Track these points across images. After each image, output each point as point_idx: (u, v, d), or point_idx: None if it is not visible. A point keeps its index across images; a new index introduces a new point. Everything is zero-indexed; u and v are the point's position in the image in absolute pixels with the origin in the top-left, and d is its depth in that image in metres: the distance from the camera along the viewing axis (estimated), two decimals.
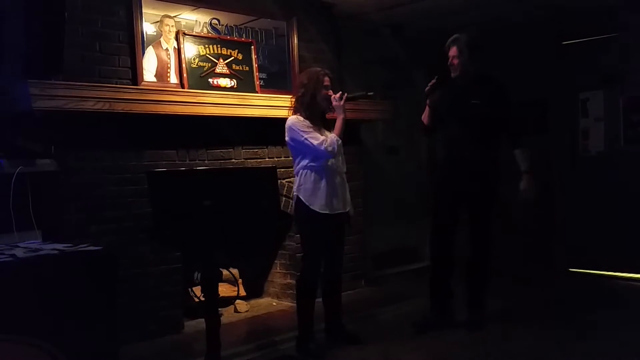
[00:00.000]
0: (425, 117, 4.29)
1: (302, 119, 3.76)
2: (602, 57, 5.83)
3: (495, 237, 4.29)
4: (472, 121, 4.08)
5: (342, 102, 3.79)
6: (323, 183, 3.75)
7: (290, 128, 3.76)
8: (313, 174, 3.76)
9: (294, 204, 3.91)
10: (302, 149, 3.76)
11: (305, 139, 3.70)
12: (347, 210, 3.93)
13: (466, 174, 4.09)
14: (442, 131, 4.32)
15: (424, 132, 4.50)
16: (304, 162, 3.79)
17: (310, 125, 3.75)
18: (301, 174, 3.81)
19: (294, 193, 3.89)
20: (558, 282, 5.67)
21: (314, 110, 3.81)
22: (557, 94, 6.13)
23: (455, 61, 4.09)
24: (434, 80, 4.13)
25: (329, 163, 3.77)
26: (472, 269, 4.25)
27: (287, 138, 3.81)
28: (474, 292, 4.27)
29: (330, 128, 3.87)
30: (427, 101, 4.20)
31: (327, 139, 3.72)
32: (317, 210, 3.75)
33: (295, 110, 3.85)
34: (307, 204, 3.76)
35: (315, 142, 3.69)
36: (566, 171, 6.11)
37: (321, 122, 3.87)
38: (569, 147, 6.12)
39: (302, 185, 3.79)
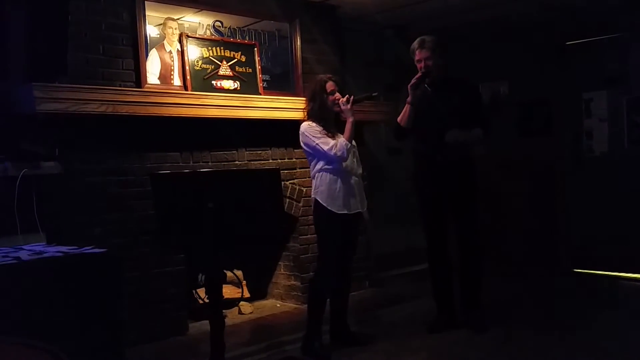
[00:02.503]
0: (403, 118, 4.13)
1: (314, 124, 3.85)
2: (605, 58, 5.83)
3: (499, 238, 4.29)
4: (449, 122, 4.05)
5: (349, 106, 3.82)
6: (339, 184, 3.81)
7: (303, 134, 3.86)
8: (329, 176, 3.82)
9: (312, 207, 3.96)
10: (315, 153, 3.85)
11: (317, 144, 3.80)
12: (364, 209, 3.97)
13: (446, 175, 4.10)
14: (418, 134, 4.19)
15: (399, 134, 4.26)
16: (319, 166, 3.86)
17: (322, 130, 3.82)
18: (317, 177, 3.88)
19: (312, 196, 3.94)
20: (562, 282, 5.67)
21: (326, 117, 3.88)
22: (560, 95, 6.12)
23: (429, 63, 4.05)
24: (419, 75, 4.05)
25: (344, 165, 3.82)
26: (466, 270, 4.23)
27: (301, 143, 3.90)
28: (472, 292, 4.24)
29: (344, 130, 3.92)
30: (408, 99, 4.08)
31: (336, 144, 3.76)
32: (335, 211, 3.80)
33: (308, 117, 3.93)
34: (325, 205, 3.82)
35: (325, 148, 3.77)
36: (570, 171, 6.10)
37: (335, 126, 3.91)
38: (573, 147, 6.11)
39: (319, 187, 3.86)
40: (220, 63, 4.63)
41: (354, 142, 3.97)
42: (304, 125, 3.87)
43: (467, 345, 3.95)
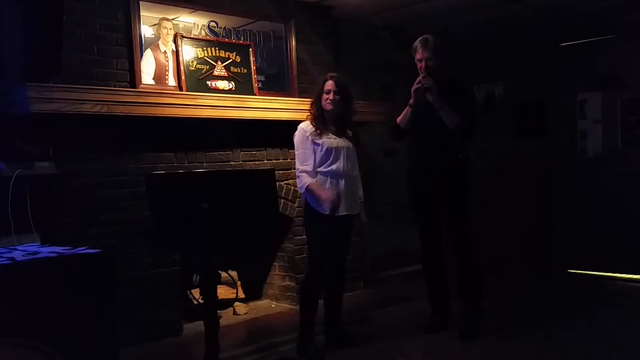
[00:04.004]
0: (403, 119, 4.13)
1: (307, 128, 3.88)
2: (600, 59, 5.85)
3: (494, 239, 4.28)
4: (442, 124, 4.02)
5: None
6: (327, 186, 3.83)
7: (295, 134, 3.93)
8: (318, 176, 3.85)
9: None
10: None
11: (297, 154, 3.90)
12: (354, 213, 3.97)
13: (438, 177, 4.09)
14: (412, 134, 4.18)
15: (397, 135, 4.29)
16: None
17: (314, 132, 3.84)
18: None
19: (302, 196, 3.99)
20: (557, 283, 5.68)
21: (322, 113, 3.90)
22: (555, 96, 6.14)
23: (430, 63, 4.03)
24: (421, 78, 4.01)
25: (334, 167, 3.84)
26: (461, 277, 4.17)
27: None
28: (467, 299, 4.19)
29: (345, 132, 3.96)
30: (410, 101, 4.06)
31: (302, 176, 3.82)
32: (321, 212, 3.81)
33: (311, 114, 3.95)
34: (311, 205, 3.83)
35: (297, 163, 3.88)
36: (564, 172, 6.11)
37: (334, 125, 3.92)
38: (567, 148, 6.13)
39: None
40: (215, 63, 4.62)
41: (350, 145, 3.96)
42: (299, 126, 3.92)
43: (462, 346, 3.95)
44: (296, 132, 3.91)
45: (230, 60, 4.71)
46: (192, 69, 4.50)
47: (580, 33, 5.86)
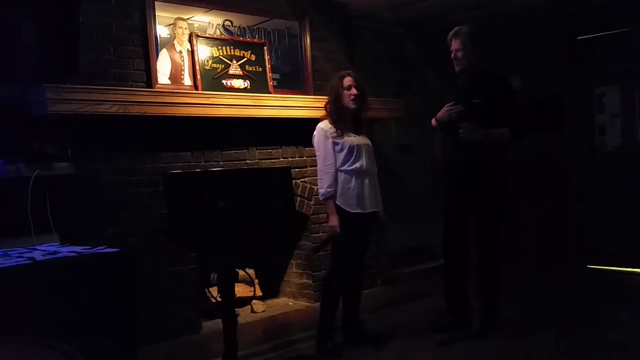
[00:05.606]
0: (435, 128, 4.25)
1: (327, 127, 3.85)
2: (618, 52, 5.78)
3: (512, 235, 4.21)
4: (475, 120, 3.93)
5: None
6: (352, 184, 3.82)
7: (314, 135, 3.89)
8: (343, 175, 3.84)
9: None
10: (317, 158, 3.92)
11: (318, 154, 3.86)
12: (379, 209, 3.98)
13: (472, 174, 4.01)
14: (449, 131, 4.14)
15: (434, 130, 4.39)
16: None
17: (334, 132, 3.82)
18: None
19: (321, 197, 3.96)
20: (576, 279, 5.63)
21: (342, 112, 3.88)
22: (573, 90, 6.08)
23: (460, 54, 4.00)
24: (451, 107, 4.01)
25: (358, 165, 3.83)
26: (482, 274, 4.11)
27: None
28: (486, 298, 4.13)
29: (362, 130, 3.95)
30: (439, 116, 4.10)
31: (325, 179, 3.79)
32: (348, 210, 3.80)
33: (327, 113, 3.92)
34: (338, 204, 3.82)
35: (319, 164, 3.84)
36: (583, 167, 6.06)
37: (352, 123, 3.92)
38: (586, 142, 6.07)
39: None
40: (230, 62, 4.63)
41: (369, 142, 3.96)
42: (318, 126, 3.89)
43: (481, 345, 3.91)
44: (315, 133, 3.89)
45: (245, 58, 4.72)
46: (208, 68, 4.52)
47: (597, 26, 5.79)
